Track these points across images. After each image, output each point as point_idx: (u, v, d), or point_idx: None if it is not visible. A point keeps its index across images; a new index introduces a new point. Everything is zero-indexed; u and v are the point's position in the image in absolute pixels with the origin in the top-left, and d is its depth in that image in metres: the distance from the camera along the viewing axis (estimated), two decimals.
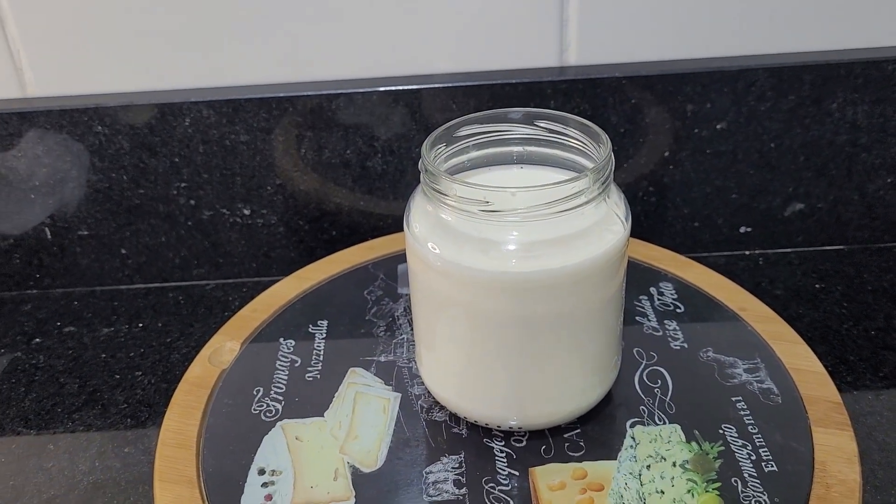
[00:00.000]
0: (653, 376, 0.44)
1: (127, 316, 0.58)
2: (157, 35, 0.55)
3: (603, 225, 0.37)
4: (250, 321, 0.50)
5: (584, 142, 0.40)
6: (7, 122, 0.55)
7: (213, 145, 0.56)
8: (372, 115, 0.55)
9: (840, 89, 0.54)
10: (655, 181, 0.57)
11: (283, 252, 0.60)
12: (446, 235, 0.37)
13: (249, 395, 0.45)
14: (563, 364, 0.39)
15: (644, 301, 0.50)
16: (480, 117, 0.41)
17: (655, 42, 0.55)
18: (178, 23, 0.54)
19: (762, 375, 0.44)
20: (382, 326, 0.50)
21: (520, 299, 0.37)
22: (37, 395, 0.51)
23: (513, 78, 0.54)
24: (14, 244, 0.59)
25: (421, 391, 0.44)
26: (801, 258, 0.59)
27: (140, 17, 0.54)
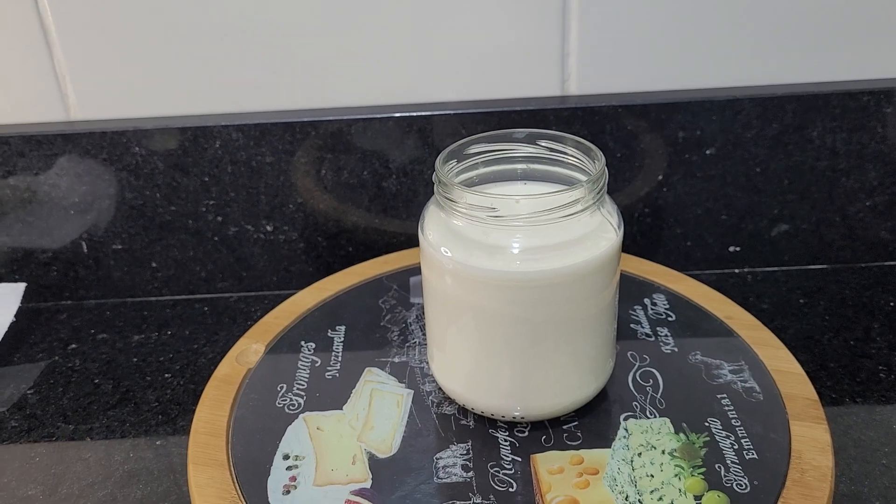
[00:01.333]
0: (645, 376, 0.48)
1: (156, 324, 0.62)
2: (192, 64, 0.59)
3: (598, 232, 0.42)
4: (274, 326, 0.54)
5: (582, 159, 0.44)
6: (52, 142, 0.59)
7: (241, 166, 0.60)
8: (387, 139, 0.60)
9: (820, 118, 0.58)
10: (650, 203, 0.61)
11: (302, 266, 0.64)
12: (457, 240, 0.42)
13: (274, 390, 0.49)
14: (562, 361, 0.43)
15: (638, 310, 0.54)
16: (488, 137, 0.45)
17: (650, 73, 0.60)
18: (211, 53, 0.59)
19: (746, 376, 0.48)
20: (396, 332, 0.54)
21: (523, 298, 0.41)
22: (74, 394, 0.54)
23: (518, 106, 0.59)
24: (52, 257, 0.63)
25: (432, 388, 0.48)
26: (787, 276, 0.63)
27: (176, 47, 0.59)
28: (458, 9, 0.58)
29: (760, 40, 0.58)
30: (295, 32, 0.58)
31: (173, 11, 0.58)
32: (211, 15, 0.58)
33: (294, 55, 0.59)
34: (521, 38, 0.58)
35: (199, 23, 0.58)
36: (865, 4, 0.57)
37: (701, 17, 0.58)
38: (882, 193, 0.61)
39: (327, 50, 0.59)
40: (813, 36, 0.58)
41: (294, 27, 0.58)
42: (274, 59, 0.59)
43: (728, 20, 0.58)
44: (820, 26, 0.58)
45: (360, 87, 0.60)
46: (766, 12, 0.57)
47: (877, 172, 0.60)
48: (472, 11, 0.58)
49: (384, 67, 0.60)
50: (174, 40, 0.58)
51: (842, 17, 0.57)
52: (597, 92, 0.60)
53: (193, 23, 0.58)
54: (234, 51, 0.59)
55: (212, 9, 0.57)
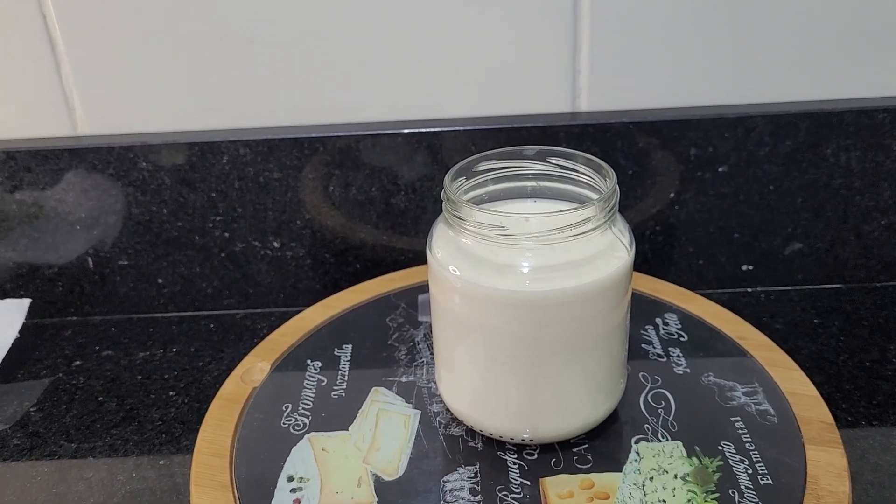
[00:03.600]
0: (657, 398, 0.47)
1: (161, 341, 0.61)
2: (199, 79, 0.59)
3: (609, 251, 0.41)
4: (280, 344, 0.54)
5: (592, 177, 0.43)
6: (59, 157, 0.59)
7: (248, 182, 0.60)
8: (396, 155, 0.59)
9: (834, 136, 0.57)
10: (662, 221, 0.61)
11: (309, 283, 0.63)
12: (466, 259, 0.41)
13: (279, 410, 0.48)
14: (572, 382, 0.42)
15: (650, 330, 0.53)
16: (498, 154, 0.45)
17: (661, 90, 0.59)
18: (219, 68, 0.59)
19: (759, 398, 0.47)
20: (403, 350, 0.53)
21: (532, 318, 0.40)
22: (77, 412, 0.54)
23: (528, 122, 0.58)
24: (58, 273, 0.63)
25: (439, 408, 0.47)
26: (800, 295, 0.62)
27: (184, 62, 0.58)
28: (468, 24, 0.57)
29: (773, 57, 0.58)
30: (303, 47, 0.58)
31: (181, 26, 0.57)
32: (219, 30, 0.57)
33: (302, 70, 0.59)
34: (532, 54, 0.58)
35: (208, 38, 0.58)
36: (880, 21, 0.56)
37: (713, 34, 0.57)
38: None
39: (336, 65, 0.59)
40: (827, 52, 0.57)
41: (302, 42, 0.58)
42: (282, 75, 0.59)
43: (740, 36, 0.57)
44: (834, 43, 0.57)
45: (368, 102, 0.60)
46: (780, 28, 0.57)
47: (892, 191, 0.59)
48: (482, 27, 0.57)
49: (393, 83, 0.59)
50: (182, 55, 0.58)
51: (856, 34, 0.57)
52: (608, 109, 0.59)
53: (201, 38, 0.58)
54: (242, 66, 0.59)
55: (220, 24, 0.57)
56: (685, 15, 0.57)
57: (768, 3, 0.56)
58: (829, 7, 0.56)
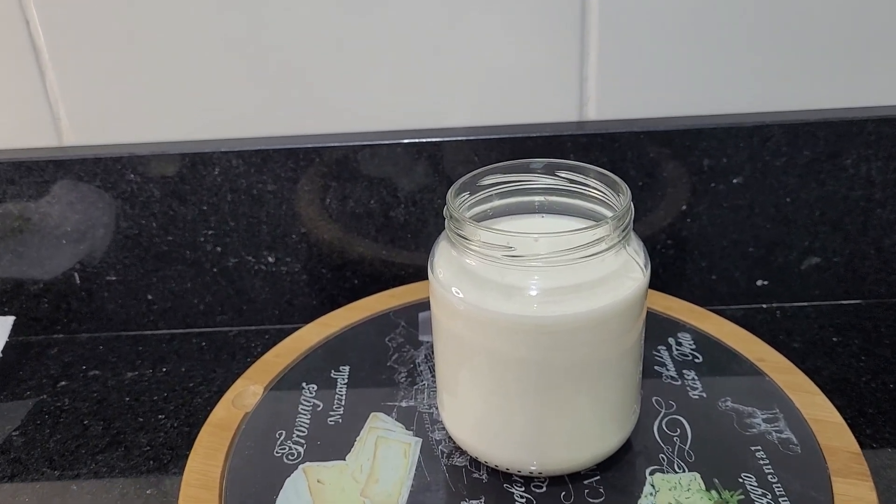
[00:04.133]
0: (672, 425, 0.45)
1: (151, 361, 0.59)
2: (190, 87, 0.57)
3: (623, 272, 0.38)
4: (274, 366, 0.51)
5: (605, 192, 0.41)
6: (43, 169, 0.57)
7: (241, 194, 0.57)
8: (396, 166, 0.57)
9: (854, 146, 0.55)
10: (673, 234, 0.58)
11: (305, 300, 0.61)
12: (470, 280, 0.38)
13: (272, 437, 0.45)
14: (582, 410, 0.40)
15: (663, 351, 0.51)
16: (503, 167, 0.42)
17: (673, 98, 0.56)
18: (210, 75, 0.56)
19: (781, 425, 0.44)
20: (404, 373, 0.50)
21: (541, 344, 0.38)
22: (61, 436, 0.51)
23: (533, 132, 0.56)
24: (43, 289, 0.60)
25: (442, 436, 0.45)
26: (818, 312, 0.59)
27: (174, 69, 0.56)
28: (471, 29, 0.55)
29: (791, 63, 0.55)
30: (298, 53, 0.56)
31: (170, 32, 0.55)
32: (210, 36, 0.55)
33: (297, 77, 0.56)
34: (537, 60, 0.55)
35: (198, 44, 0.55)
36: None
37: (727, 38, 0.55)
38: None
39: (332, 72, 0.56)
40: (847, 58, 0.55)
41: (297, 48, 0.55)
42: (276, 82, 0.56)
43: (756, 41, 0.55)
44: (854, 48, 0.55)
45: (366, 111, 0.57)
46: (797, 33, 0.54)
47: None
48: (485, 32, 0.55)
49: (392, 91, 0.57)
50: (171, 62, 0.56)
51: (877, 39, 0.54)
52: (617, 117, 0.57)
53: (192, 44, 0.55)
54: (234, 73, 0.56)
55: (211, 30, 0.55)
56: (698, 19, 0.54)
57: (785, 6, 0.54)
58: (848, 11, 0.54)
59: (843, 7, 0.54)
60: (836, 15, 0.54)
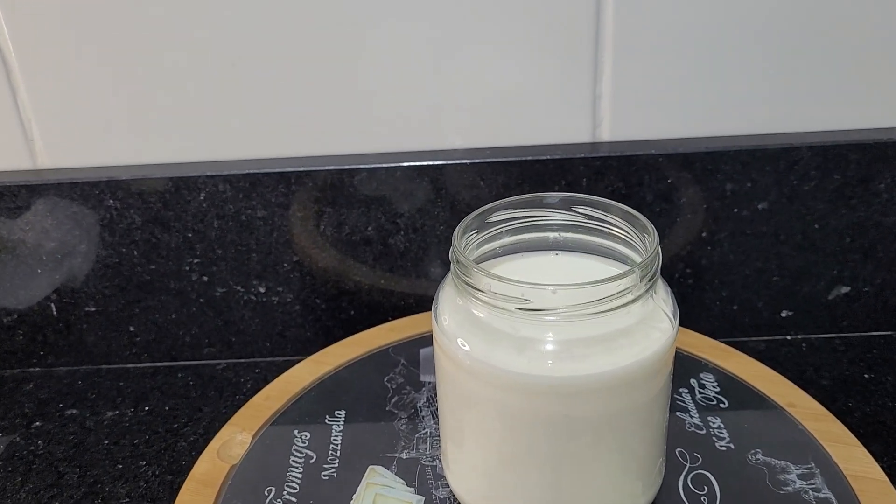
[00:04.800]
0: (698, 482, 0.41)
1: (133, 398, 0.55)
2: (173, 106, 0.53)
3: (649, 323, 0.34)
4: (263, 409, 0.47)
5: (627, 230, 0.37)
6: (16, 194, 0.53)
7: (229, 220, 0.54)
8: (395, 190, 0.53)
9: (888, 169, 0.51)
10: (693, 263, 0.54)
11: (298, 331, 0.57)
12: (478, 332, 0.35)
13: (261, 495, 0.41)
14: (603, 471, 0.36)
15: (685, 394, 0.47)
16: (514, 202, 0.39)
17: (693, 118, 0.53)
18: (194, 94, 0.52)
19: (818, 483, 0.40)
20: (404, 418, 0.46)
21: (557, 403, 0.34)
22: (33, 485, 0.47)
23: (544, 154, 0.52)
24: (18, 319, 0.57)
25: (446, 494, 0.41)
26: (846, 344, 0.56)
27: (155, 87, 0.52)
28: (477, 44, 0.51)
29: (820, 81, 0.51)
30: (289, 70, 0.52)
31: (152, 49, 0.51)
32: (195, 52, 0.51)
33: (288, 96, 0.53)
34: (548, 79, 0.52)
35: (181, 60, 0.51)
36: None
37: (751, 54, 0.51)
38: None
39: (326, 90, 0.52)
40: (879, 76, 0.51)
41: (288, 64, 0.52)
42: (266, 101, 0.53)
43: (782, 57, 0.51)
44: (887, 65, 0.51)
45: (363, 131, 0.54)
46: (826, 49, 0.51)
47: None
48: (492, 48, 0.51)
49: (391, 109, 0.53)
50: (153, 80, 0.52)
51: None
52: (633, 139, 0.53)
53: (174, 60, 0.51)
54: (220, 91, 0.52)
55: (195, 45, 0.51)
56: (719, 33, 0.50)
57: (814, 20, 0.50)
58: (880, 24, 0.50)
59: (875, 20, 0.50)
60: (867, 29, 0.50)
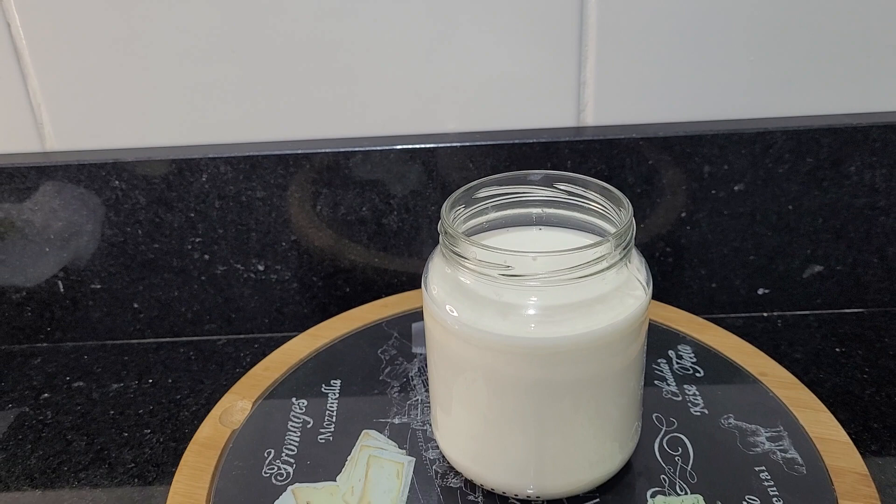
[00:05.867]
0: (673, 443, 0.43)
1: (137, 371, 0.57)
2: (176, 91, 0.55)
3: (624, 290, 0.37)
4: (262, 379, 0.50)
5: (605, 205, 0.39)
6: (25, 175, 0.55)
7: (230, 201, 0.56)
8: (388, 172, 0.55)
9: (858, 153, 0.54)
10: (672, 242, 0.57)
11: (296, 308, 0.59)
12: (465, 298, 0.37)
13: (260, 457, 0.44)
14: (582, 431, 0.39)
15: (663, 364, 0.49)
16: (500, 179, 0.41)
17: (673, 103, 0.55)
18: (196, 80, 0.55)
19: (785, 444, 0.43)
20: (396, 387, 0.49)
21: (539, 364, 0.36)
22: (43, 452, 0.50)
23: (530, 138, 0.54)
24: (26, 297, 0.59)
25: (436, 455, 0.43)
26: (819, 321, 0.58)
27: (160, 73, 0.54)
28: (466, 33, 0.53)
29: (794, 68, 0.54)
30: (287, 57, 0.54)
31: (156, 36, 0.53)
32: (197, 39, 0.53)
33: (287, 82, 0.55)
34: (533, 65, 0.54)
35: (185, 48, 0.54)
36: None
37: (728, 42, 0.53)
38: None
39: (323, 76, 0.55)
40: (850, 64, 0.54)
41: (287, 51, 0.54)
42: (265, 86, 0.55)
43: (758, 46, 0.53)
44: (858, 53, 0.53)
45: (358, 116, 0.56)
46: (800, 37, 0.53)
47: None
48: (481, 36, 0.53)
49: (385, 95, 0.55)
50: (157, 66, 0.54)
51: (882, 44, 0.53)
52: (615, 123, 0.56)
53: (178, 48, 0.54)
54: (221, 77, 0.55)
55: (197, 33, 0.53)
56: (698, 23, 0.53)
57: (788, 10, 0.52)
58: (852, 15, 0.52)
59: (848, 11, 0.52)
60: (840, 18, 0.52)
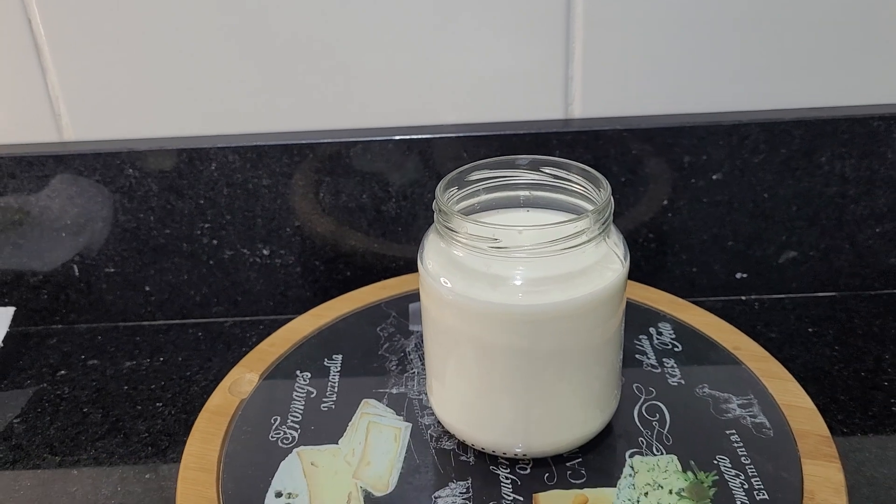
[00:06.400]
0: (651, 410, 0.47)
1: (148, 350, 0.60)
2: (187, 84, 0.58)
3: (603, 263, 0.40)
4: (268, 354, 0.53)
5: (586, 187, 0.43)
6: (44, 164, 0.58)
7: (237, 188, 0.59)
8: (387, 162, 0.59)
9: (829, 144, 0.57)
10: (655, 228, 0.60)
11: (299, 291, 0.63)
12: (457, 271, 0.40)
13: (267, 423, 0.47)
14: (565, 395, 0.42)
15: (644, 340, 0.53)
16: (490, 163, 0.44)
17: (655, 97, 0.58)
18: (207, 73, 0.58)
19: (755, 410, 0.46)
20: (394, 361, 0.52)
21: (525, 332, 0.39)
22: (61, 423, 0.53)
23: (520, 129, 0.58)
24: (43, 280, 0.62)
25: (431, 421, 0.47)
26: (794, 303, 0.61)
27: (172, 67, 0.57)
28: (460, 31, 0.56)
29: (767, 64, 0.57)
30: (292, 53, 0.57)
31: (169, 32, 0.56)
32: (207, 35, 0.57)
33: (292, 76, 0.58)
34: (524, 61, 0.57)
35: (196, 43, 0.57)
36: (874, 29, 0.56)
37: (707, 41, 0.56)
38: (892, 220, 0.59)
39: (326, 71, 0.58)
40: (821, 60, 0.57)
41: (292, 47, 0.57)
42: (272, 81, 0.58)
43: (735, 44, 0.56)
44: (828, 50, 0.57)
45: (359, 109, 0.59)
46: (773, 36, 0.56)
47: (886, 199, 0.59)
48: (474, 34, 0.57)
49: (384, 89, 0.59)
50: (169, 61, 0.57)
51: (850, 42, 0.56)
52: (601, 115, 0.59)
53: (189, 43, 0.57)
54: (231, 71, 0.58)
55: (208, 29, 0.56)
56: (679, 22, 0.56)
57: (762, 10, 0.55)
58: (823, 15, 0.56)
59: (820, 12, 0.55)
60: (810, 19, 0.56)
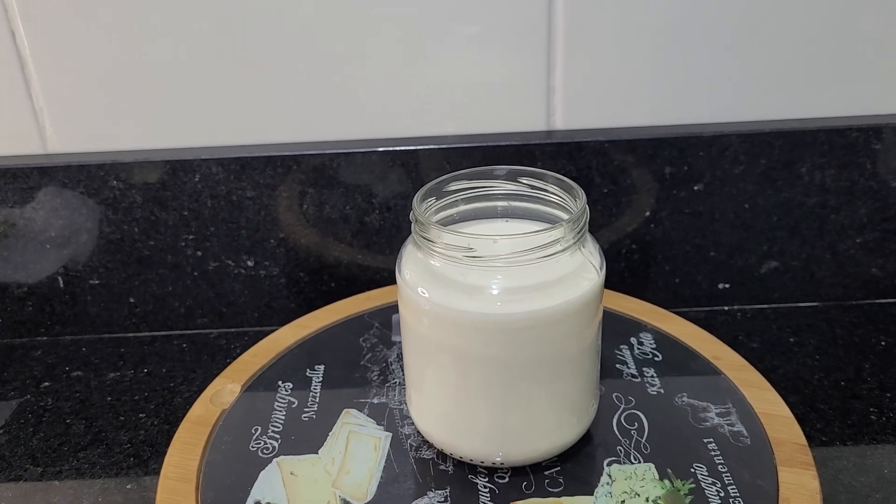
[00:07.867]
0: (630, 419, 0.47)
1: (133, 362, 0.60)
2: (171, 96, 0.58)
3: (579, 272, 0.40)
4: (251, 365, 0.53)
5: (563, 197, 0.43)
6: (28, 176, 0.58)
7: (221, 200, 0.59)
8: (371, 173, 0.59)
9: (808, 154, 0.57)
10: (638, 239, 0.61)
11: (283, 302, 0.63)
12: (434, 281, 0.40)
13: (248, 433, 0.47)
14: (542, 404, 0.42)
15: (624, 350, 0.53)
16: (468, 174, 0.45)
17: (636, 109, 0.59)
18: (191, 85, 0.58)
19: (733, 419, 0.46)
20: (376, 371, 0.52)
21: (501, 341, 0.40)
22: (44, 434, 0.53)
23: (503, 141, 0.58)
24: (28, 292, 0.62)
25: (411, 431, 0.47)
26: (776, 314, 0.62)
27: (155, 79, 0.58)
28: (443, 44, 0.57)
29: (748, 76, 0.58)
30: (277, 65, 0.58)
31: (153, 44, 0.57)
32: (192, 47, 0.57)
33: (276, 88, 0.58)
34: (507, 73, 0.58)
35: (179, 55, 0.57)
36: (852, 41, 0.56)
37: (688, 53, 0.57)
38: (872, 230, 0.60)
39: (310, 83, 0.58)
40: (800, 72, 0.58)
41: (276, 60, 0.57)
42: (255, 92, 0.59)
43: (715, 56, 0.57)
44: (807, 63, 0.57)
45: (343, 120, 0.60)
46: (753, 49, 0.57)
47: (867, 209, 0.59)
48: (458, 46, 0.57)
49: (368, 101, 0.59)
50: (153, 73, 0.58)
51: (829, 54, 0.57)
52: (583, 127, 0.59)
53: (173, 55, 0.57)
54: (214, 83, 0.58)
55: (192, 41, 0.57)
56: (659, 35, 0.57)
57: (742, 23, 0.56)
58: (801, 28, 0.56)
59: (796, 25, 0.56)
60: (789, 32, 0.56)
